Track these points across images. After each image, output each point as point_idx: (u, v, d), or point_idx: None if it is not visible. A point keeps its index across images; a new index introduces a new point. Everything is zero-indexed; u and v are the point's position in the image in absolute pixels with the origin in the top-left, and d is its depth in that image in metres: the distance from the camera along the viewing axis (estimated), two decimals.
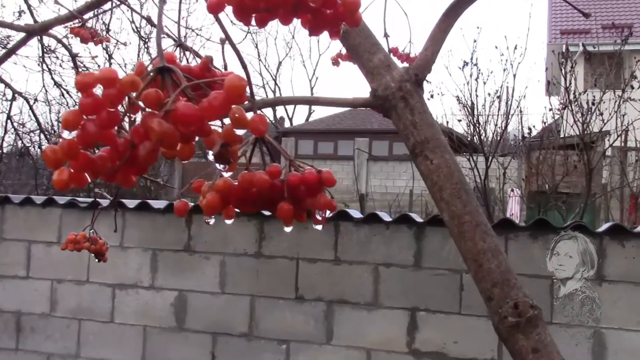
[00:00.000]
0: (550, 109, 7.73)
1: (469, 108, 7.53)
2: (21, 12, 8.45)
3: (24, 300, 3.82)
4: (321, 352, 3.33)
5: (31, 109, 6.69)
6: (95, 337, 3.70)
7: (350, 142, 20.41)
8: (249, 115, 0.67)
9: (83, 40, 2.45)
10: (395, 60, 0.94)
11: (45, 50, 6.98)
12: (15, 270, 3.85)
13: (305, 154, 21.01)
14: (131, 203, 3.71)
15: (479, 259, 0.79)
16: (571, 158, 6.93)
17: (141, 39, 13.75)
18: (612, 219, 7.09)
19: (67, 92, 8.48)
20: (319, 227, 0.87)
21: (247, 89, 0.67)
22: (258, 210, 0.83)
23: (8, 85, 4.80)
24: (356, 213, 3.45)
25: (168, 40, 0.89)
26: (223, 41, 0.74)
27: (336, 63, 1.82)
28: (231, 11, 0.70)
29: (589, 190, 6.40)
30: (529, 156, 7.73)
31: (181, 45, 0.85)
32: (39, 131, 8.77)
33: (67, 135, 0.66)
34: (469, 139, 7.64)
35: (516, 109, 7.77)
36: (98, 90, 0.66)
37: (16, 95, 5.63)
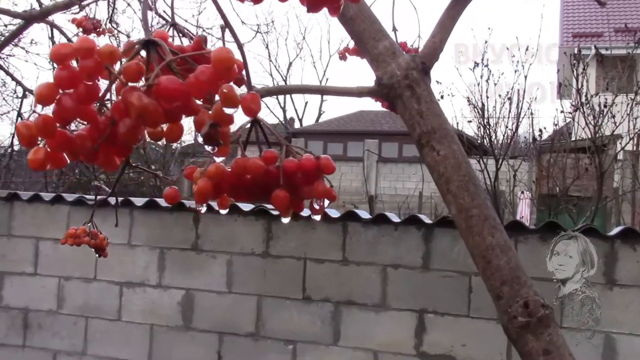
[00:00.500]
0: (561, 111, 7.67)
1: (480, 109, 7.49)
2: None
3: (32, 297, 3.82)
4: (328, 353, 3.31)
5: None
6: (102, 335, 3.69)
7: (359, 144, 20.37)
8: (241, 93, 0.63)
9: (85, 31, 2.42)
10: None
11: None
12: (23, 267, 3.86)
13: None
14: (139, 201, 3.71)
15: (487, 255, 0.76)
16: (582, 161, 6.87)
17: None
18: (624, 223, 7.03)
19: None
20: (317, 218, 0.82)
21: (245, 75, 0.64)
22: (253, 198, 0.79)
23: (19, 82, 4.82)
24: (364, 214, 3.43)
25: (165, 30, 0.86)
26: (223, 28, 0.72)
27: (343, 57, 1.79)
28: None
29: (600, 193, 6.34)
30: (540, 159, 7.68)
31: (174, 25, 0.82)
32: None
33: (42, 111, 0.61)
34: (479, 141, 7.60)
35: (527, 111, 7.71)
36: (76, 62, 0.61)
37: (27, 92, 5.64)
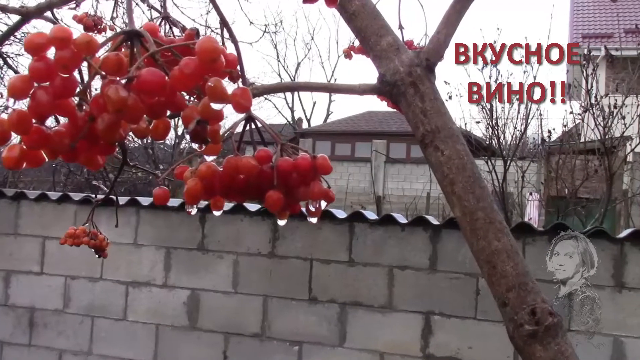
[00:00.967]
0: (570, 112, 7.62)
1: (488, 110, 7.44)
2: None
3: (38, 296, 3.83)
4: (334, 355, 3.29)
5: None
6: (107, 335, 3.69)
7: (367, 144, 20.32)
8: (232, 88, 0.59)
9: (86, 28, 2.40)
10: None
11: None
12: (29, 265, 3.86)
13: None
14: (145, 200, 3.70)
15: (493, 260, 0.73)
16: (592, 163, 6.82)
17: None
18: (633, 225, 6.97)
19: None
20: (314, 220, 0.78)
21: (239, 69, 0.61)
22: (246, 200, 0.76)
23: None
24: (371, 214, 3.41)
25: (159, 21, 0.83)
26: (222, 24, 0.69)
27: (349, 56, 1.76)
28: None
29: (610, 195, 6.29)
30: (549, 160, 7.63)
31: (167, 18, 0.79)
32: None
33: (16, 105, 0.57)
34: (488, 142, 7.55)
35: (536, 112, 7.66)
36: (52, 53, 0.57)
37: None
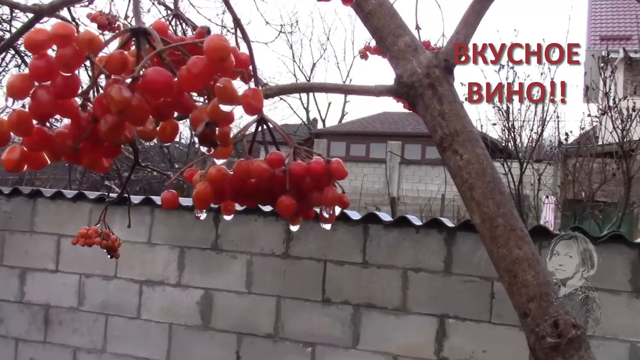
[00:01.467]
0: (588, 115, 7.55)
1: (504, 112, 7.39)
2: None
3: (53, 293, 3.85)
4: (347, 356, 3.28)
5: None
6: (121, 333, 3.70)
7: (382, 145, 20.28)
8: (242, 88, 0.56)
9: (100, 26, 2.39)
10: None
11: None
12: (44, 263, 3.88)
13: (337, 156, 20.69)
14: (160, 200, 3.71)
15: (514, 269, 0.70)
16: (609, 166, 6.75)
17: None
18: None
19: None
20: (327, 227, 0.74)
21: (251, 69, 0.59)
22: (258, 204, 0.74)
23: None
24: (385, 216, 3.39)
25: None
26: (235, 23, 0.68)
27: (364, 56, 1.74)
28: None
29: (627, 199, 6.22)
30: (565, 163, 7.56)
31: (177, 15, 0.76)
32: None
33: (16, 105, 0.54)
34: (504, 144, 7.50)
35: (553, 114, 7.60)
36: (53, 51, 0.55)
37: None
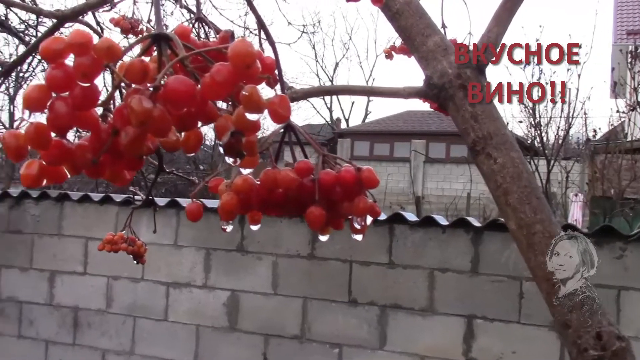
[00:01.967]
0: (617, 111, 7.43)
1: (530, 109, 7.30)
2: None
3: (81, 295, 3.88)
4: (374, 358, 3.26)
5: None
6: (149, 335, 3.72)
7: (406, 144, 20.20)
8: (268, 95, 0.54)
9: (123, 31, 2.38)
10: None
11: None
12: (73, 266, 3.92)
13: (361, 155, 20.92)
14: (185, 202, 3.73)
15: (553, 278, 0.68)
16: (639, 162, 6.63)
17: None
18: None
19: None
20: (359, 238, 0.70)
21: (277, 73, 0.57)
22: (286, 215, 0.71)
23: None
24: (411, 216, 3.36)
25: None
26: (259, 26, 0.66)
27: (389, 56, 1.71)
28: None
29: None
30: (593, 160, 7.45)
31: (200, 19, 0.74)
32: None
33: (33, 118, 0.52)
34: (530, 142, 7.42)
35: (580, 111, 7.50)
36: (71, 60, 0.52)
37: None
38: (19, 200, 4.07)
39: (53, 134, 0.53)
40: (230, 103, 0.57)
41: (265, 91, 0.56)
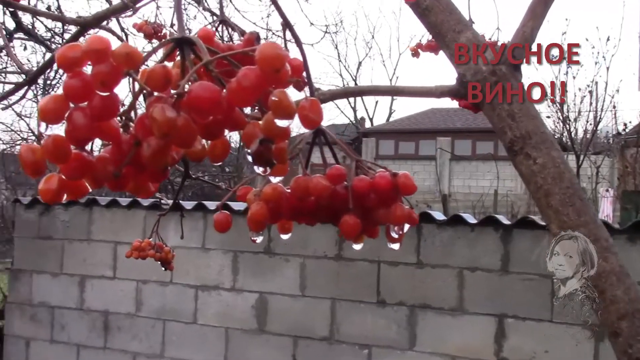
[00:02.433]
0: None
1: (559, 104, 7.20)
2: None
3: (111, 299, 3.92)
4: (404, 358, 3.23)
5: None
6: (178, 338, 3.74)
7: (431, 142, 20.08)
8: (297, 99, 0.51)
9: (146, 36, 2.38)
10: None
11: None
12: (102, 270, 3.96)
13: (386, 154, 20.85)
14: (212, 205, 3.74)
15: (600, 284, 0.65)
16: None
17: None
18: None
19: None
20: (395, 247, 0.67)
21: (305, 76, 0.55)
22: (318, 222, 0.69)
23: None
24: (439, 215, 3.33)
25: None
26: (284, 26, 0.63)
27: (416, 54, 1.69)
28: None
29: None
30: (624, 154, 7.31)
31: (224, 21, 0.71)
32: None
33: (50, 130, 0.49)
34: (558, 137, 7.32)
35: (609, 105, 7.37)
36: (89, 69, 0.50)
37: None
38: (49, 206, 4.12)
39: (72, 147, 0.50)
40: (257, 108, 0.55)
41: (292, 93, 0.54)
